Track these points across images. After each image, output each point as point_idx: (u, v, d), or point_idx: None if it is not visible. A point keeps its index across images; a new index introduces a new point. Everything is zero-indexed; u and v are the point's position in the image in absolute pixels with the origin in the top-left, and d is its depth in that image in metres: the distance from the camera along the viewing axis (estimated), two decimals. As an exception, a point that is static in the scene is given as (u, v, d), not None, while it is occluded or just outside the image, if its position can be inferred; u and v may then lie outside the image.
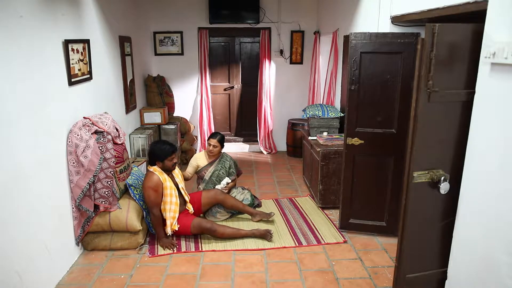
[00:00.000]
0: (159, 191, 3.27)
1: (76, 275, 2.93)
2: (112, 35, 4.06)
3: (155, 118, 5.11)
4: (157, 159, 3.35)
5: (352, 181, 3.43)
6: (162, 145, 3.37)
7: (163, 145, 3.37)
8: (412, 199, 2.28)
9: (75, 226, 3.07)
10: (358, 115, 3.28)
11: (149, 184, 3.24)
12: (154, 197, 3.24)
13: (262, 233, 3.43)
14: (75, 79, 3.11)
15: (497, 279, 1.88)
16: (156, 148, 3.36)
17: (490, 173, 1.92)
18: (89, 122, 3.11)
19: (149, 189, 3.24)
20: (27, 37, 2.47)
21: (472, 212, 2.07)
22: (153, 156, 3.37)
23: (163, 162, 3.34)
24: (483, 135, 1.97)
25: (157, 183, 3.26)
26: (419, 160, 2.23)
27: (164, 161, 3.34)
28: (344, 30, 4.52)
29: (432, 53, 2.06)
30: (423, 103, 2.13)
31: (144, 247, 3.32)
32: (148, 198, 3.26)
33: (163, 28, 5.85)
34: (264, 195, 4.52)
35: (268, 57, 5.98)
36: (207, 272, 2.98)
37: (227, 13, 5.78)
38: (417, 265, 2.44)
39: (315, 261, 3.13)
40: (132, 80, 4.71)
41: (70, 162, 2.94)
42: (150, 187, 3.24)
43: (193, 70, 6.06)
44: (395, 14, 3.14)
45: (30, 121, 2.50)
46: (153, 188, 3.24)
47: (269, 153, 6.29)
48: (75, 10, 3.19)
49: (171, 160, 3.36)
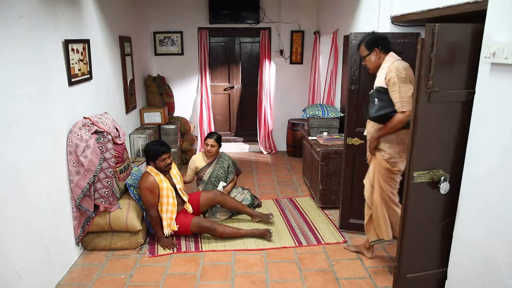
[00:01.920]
0: (155, 192, 3.26)
1: (76, 275, 2.93)
2: (112, 35, 4.07)
3: (155, 118, 5.11)
4: (149, 159, 3.35)
5: (352, 181, 3.43)
6: (154, 145, 3.34)
7: (154, 145, 3.33)
8: (412, 199, 2.29)
9: (75, 226, 3.07)
10: (358, 115, 3.28)
11: (144, 185, 3.24)
12: (150, 198, 3.24)
13: (262, 233, 3.43)
14: (75, 79, 3.11)
15: (497, 279, 1.88)
16: (148, 148, 3.36)
17: (490, 173, 1.92)
18: (89, 122, 3.11)
19: (144, 190, 3.23)
20: (27, 37, 2.47)
21: (472, 212, 2.07)
22: (146, 156, 3.38)
23: (154, 162, 3.33)
24: (483, 135, 1.97)
25: (153, 184, 3.25)
26: (419, 160, 2.23)
27: (156, 161, 3.32)
28: (344, 30, 4.52)
29: (432, 53, 2.06)
30: (423, 103, 2.13)
31: (144, 247, 3.31)
32: (144, 199, 3.26)
33: (163, 28, 5.85)
34: (264, 195, 4.52)
35: (268, 57, 5.98)
36: (207, 272, 2.98)
37: (227, 13, 5.78)
38: (417, 265, 2.44)
39: (315, 261, 3.13)
40: (132, 80, 4.71)
41: (70, 162, 2.94)
42: (145, 188, 3.23)
43: (193, 70, 6.06)
44: (395, 14, 3.14)
45: (30, 121, 2.50)
46: (148, 189, 3.23)
47: (269, 153, 6.29)
48: (75, 10, 3.19)
49: (162, 160, 3.31)
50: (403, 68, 2.56)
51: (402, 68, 2.57)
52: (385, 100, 2.61)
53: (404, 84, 2.55)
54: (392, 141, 2.68)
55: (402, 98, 2.54)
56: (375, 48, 2.69)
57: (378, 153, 2.76)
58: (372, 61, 2.74)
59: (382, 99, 2.63)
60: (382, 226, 2.90)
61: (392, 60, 2.65)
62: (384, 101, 2.61)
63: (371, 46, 2.70)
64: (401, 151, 2.69)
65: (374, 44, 2.69)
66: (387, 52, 2.71)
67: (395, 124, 2.59)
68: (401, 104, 2.54)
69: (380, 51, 2.70)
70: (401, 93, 2.54)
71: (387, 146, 2.71)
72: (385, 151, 2.72)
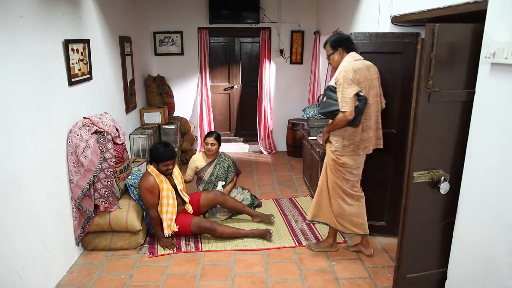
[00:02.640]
0: (155, 192, 3.26)
1: (76, 275, 2.93)
2: (112, 35, 4.07)
3: (155, 118, 5.11)
4: (153, 159, 3.35)
5: (352, 181, 3.43)
6: (162, 147, 3.31)
7: (162, 148, 3.30)
8: (412, 199, 2.29)
9: (75, 226, 3.07)
10: (358, 115, 3.28)
11: (144, 185, 3.24)
12: (149, 198, 3.24)
13: (262, 233, 3.43)
14: (75, 79, 3.11)
15: (497, 279, 1.88)
16: (155, 148, 3.34)
17: (490, 173, 1.92)
18: (89, 122, 3.11)
19: (144, 190, 3.23)
20: (27, 37, 2.47)
21: (472, 212, 2.07)
22: (151, 155, 3.37)
23: (157, 164, 3.33)
24: (483, 135, 1.97)
25: (152, 185, 3.25)
26: (419, 160, 2.23)
27: (159, 164, 3.31)
28: (344, 30, 4.51)
29: (432, 53, 2.06)
30: (423, 103, 2.13)
31: (144, 247, 3.32)
32: (144, 199, 3.26)
33: (163, 28, 5.86)
34: (264, 195, 4.52)
35: (268, 57, 5.98)
36: (207, 272, 2.98)
37: (227, 13, 5.78)
38: (417, 265, 2.44)
39: (315, 261, 3.13)
40: (132, 80, 4.71)
41: (70, 162, 2.94)
42: (145, 188, 3.23)
43: (193, 70, 6.07)
44: (395, 14, 3.14)
45: (30, 121, 2.50)
46: (148, 189, 3.23)
47: (269, 153, 6.29)
48: (75, 10, 3.19)
49: (165, 165, 3.30)
50: (352, 70, 2.73)
51: (351, 70, 2.73)
52: (333, 98, 2.80)
53: (349, 85, 2.72)
54: (340, 136, 2.87)
55: (343, 99, 2.72)
56: (338, 48, 2.88)
57: (328, 144, 3.00)
58: (336, 60, 2.91)
59: (330, 97, 2.81)
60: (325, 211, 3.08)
61: (349, 60, 2.82)
62: (331, 99, 2.80)
63: (335, 46, 2.88)
64: (348, 146, 2.86)
65: (338, 44, 2.88)
66: (349, 52, 2.87)
67: (337, 122, 2.78)
68: (341, 104, 2.73)
69: (343, 51, 2.87)
70: (343, 94, 2.72)
71: (334, 139, 2.91)
72: (332, 144, 2.94)
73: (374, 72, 2.85)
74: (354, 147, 2.86)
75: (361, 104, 2.74)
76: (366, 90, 2.78)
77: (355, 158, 2.90)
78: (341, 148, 2.88)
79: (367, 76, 2.78)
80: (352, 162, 2.90)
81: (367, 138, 2.88)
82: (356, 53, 2.89)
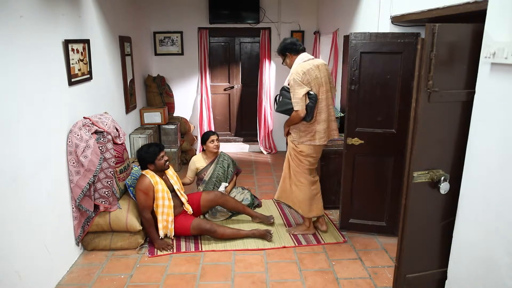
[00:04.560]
0: (150, 194, 3.24)
1: (76, 275, 2.93)
2: (112, 35, 4.07)
3: (155, 118, 5.11)
4: (148, 162, 3.34)
5: (352, 181, 3.43)
6: (147, 148, 3.36)
7: (148, 148, 3.35)
8: (412, 199, 2.28)
9: (75, 226, 3.07)
10: (358, 115, 3.28)
11: (139, 187, 3.23)
12: (143, 200, 3.22)
13: (262, 233, 3.43)
14: (75, 79, 3.11)
15: (497, 279, 1.88)
16: (143, 153, 3.35)
17: (490, 173, 1.92)
18: (89, 122, 3.11)
19: (139, 192, 3.22)
20: (27, 37, 2.47)
21: (472, 212, 2.07)
22: (143, 161, 3.36)
23: (154, 163, 3.33)
24: (483, 135, 1.97)
25: (148, 187, 3.24)
26: (419, 160, 2.23)
27: (155, 161, 3.31)
28: (344, 30, 4.52)
29: (432, 53, 2.06)
30: (423, 103, 2.13)
31: (144, 247, 3.31)
32: (138, 200, 3.25)
33: (163, 28, 5.85)
34: (264, 195, 4.51)
35: (268, 57, 5.98)
36: (207, 272, 2.98)
37: (227, 13, 5.78)
38: (417, 265, 2.44)
39: (315, 261, 3.13)
40: (132, 80, 4.71)
41: (70, 162, 2.94)
42: (140, 190, 3.22)
43: (193, 70, 6.06)
44: (395, 14, 3.14)
45: (30, 121, 2.50)
46: (143, 191, 3.22)
47: (269, 153, 6.29)
48: (75, 10, 3.19)
49: (161, 158, 3.34)
50: (301, 72, 3.07)
51: (301, 72, 3.08)
52: (287, 98, 3.15)
53: (299, 87, 3.07)
54: (296, 128, 3.25)
55: (295, 99, 3.08)
56: (286, 53, 3.28)
57: (289, 136, 3.36)
58: (288, 63, 3.32)
59: (285, 97, 3.17)
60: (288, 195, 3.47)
61: (298, 62, 3.17)
62: (286, 98, 3.16)
63: (283, 52, 3.30)
64: (304, 136, 3.23)
65: (284, 50, 3.28)
66: (297, 54, 3.23)
67: (292, 118, 3.18)
68: (294, 104, 3.09)
69: (292, 54, 3.26)
70: (295, 95, 3.08)
71: (293, 131, 3.29)
72: (292, 135, 3.31)
73: (324, 69, 3.17)
74: (310, 137, 3.21)
75: (311, 102, 3.08)
76: (316, 88, 3.12)
77: (311, 147, 3.24)
78: (298, 138, 3.25)
79: (317, 74, 3.10)
80: (309, 150, 3.25)
81: (321, 129, 3.20)
82: (307, 53, 3.25)
